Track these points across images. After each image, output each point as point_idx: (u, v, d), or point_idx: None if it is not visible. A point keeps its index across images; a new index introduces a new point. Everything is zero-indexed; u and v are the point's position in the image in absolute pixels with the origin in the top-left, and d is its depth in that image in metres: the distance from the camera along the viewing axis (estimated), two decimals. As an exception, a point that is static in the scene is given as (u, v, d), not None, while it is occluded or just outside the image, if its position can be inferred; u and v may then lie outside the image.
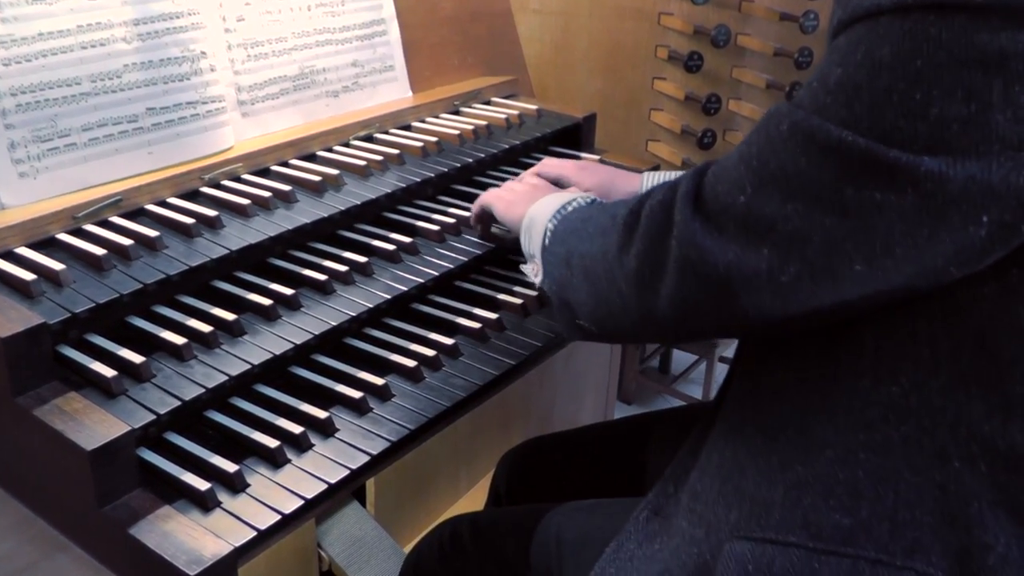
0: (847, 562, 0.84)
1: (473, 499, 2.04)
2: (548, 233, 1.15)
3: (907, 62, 0.71)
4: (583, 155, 1.86)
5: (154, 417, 1.04)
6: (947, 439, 0.81)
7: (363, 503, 1.82)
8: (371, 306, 1.30)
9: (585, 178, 1.46)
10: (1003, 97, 0.69)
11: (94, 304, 1.14)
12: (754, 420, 0.91)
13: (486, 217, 1.47)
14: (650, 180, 1.42)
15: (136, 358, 1.10)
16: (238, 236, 1.33)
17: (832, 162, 0.75)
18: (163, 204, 1.38)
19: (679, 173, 1.40)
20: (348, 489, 1.08)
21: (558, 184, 1.49)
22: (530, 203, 1.26)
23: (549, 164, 1.51)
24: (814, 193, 0.76)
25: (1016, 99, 0.69)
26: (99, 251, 1.21)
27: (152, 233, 1.27)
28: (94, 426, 0.99)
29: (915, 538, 0.82)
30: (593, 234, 1.01)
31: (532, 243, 1.21)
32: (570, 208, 1.15)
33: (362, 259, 1.37)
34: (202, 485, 0.99)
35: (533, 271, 1.22)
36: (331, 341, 1.26)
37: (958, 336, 0.79)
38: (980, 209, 0.72)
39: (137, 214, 1.35)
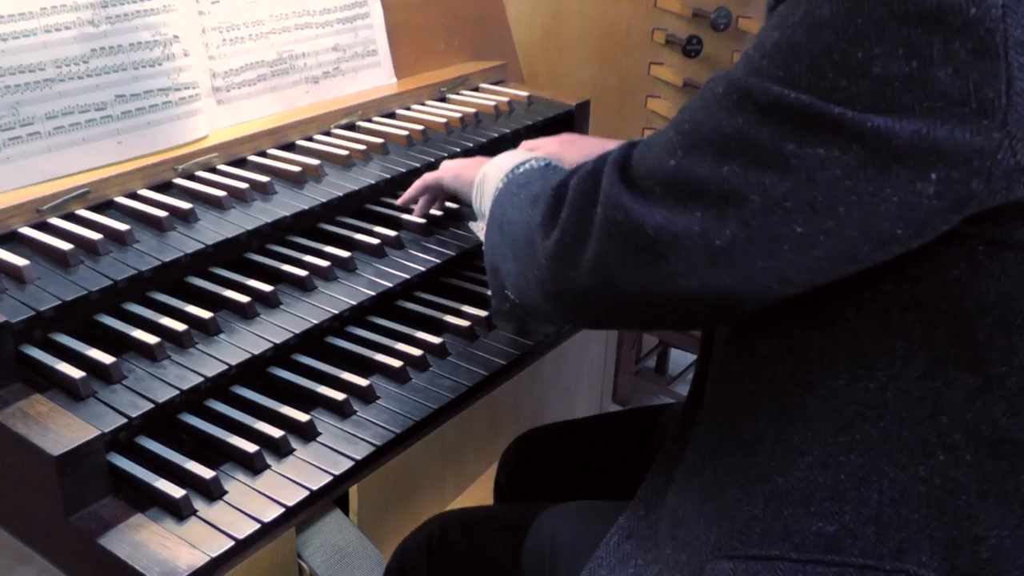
0: (833, 570, 0.85)
1: (460, 505, 2.03)
2: (497, 192, 1.16)
3: (847, 20, 0.72)
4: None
5: (125, 421, 1.04)
6: (928, 431, 0.81)
7: (346, 511, 1.82)
8: (354, 303, 1.30)
9: (567, 152, 1.47)
10: (943, 53, 0.70)
11: (60, 302, 1.13)
12: (731, 436, 0.92)
13: (430, 203, 1.48)
14: None
15: (105, 358, 1.09)
16: (213, 230, 1.32)
17: (773, 119, 0.76)
18: (133, 196, 1.37)
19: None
20: (330, 496, 1.08)
21: None
22: (481, 164, 1.28)
23: (527, 145, 1.51)
24: (752, 152, 0.77)
25: (956, 54, 0.70)
26: (65, 246, 1.20)
27: (122, 227, 1.26)
28: (60, 430, 0.98)
29: (903, 538, 0.83)
30: (524, 201, 1.02)
31: (483, 202, 1.22)
32: (520, 170, 1.17)
33: (344, 254, 1.37)
34: (176, 492, 0.99)
35: (481, 230, 1.23)
36: (312, 340, 1.26)
37: (931, 322, 0.80)
38: (927, 166, 0.73)
39: (106, 207, 1.34)
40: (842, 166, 0.74)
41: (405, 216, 1.50)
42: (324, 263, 1.34)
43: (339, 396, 1.16)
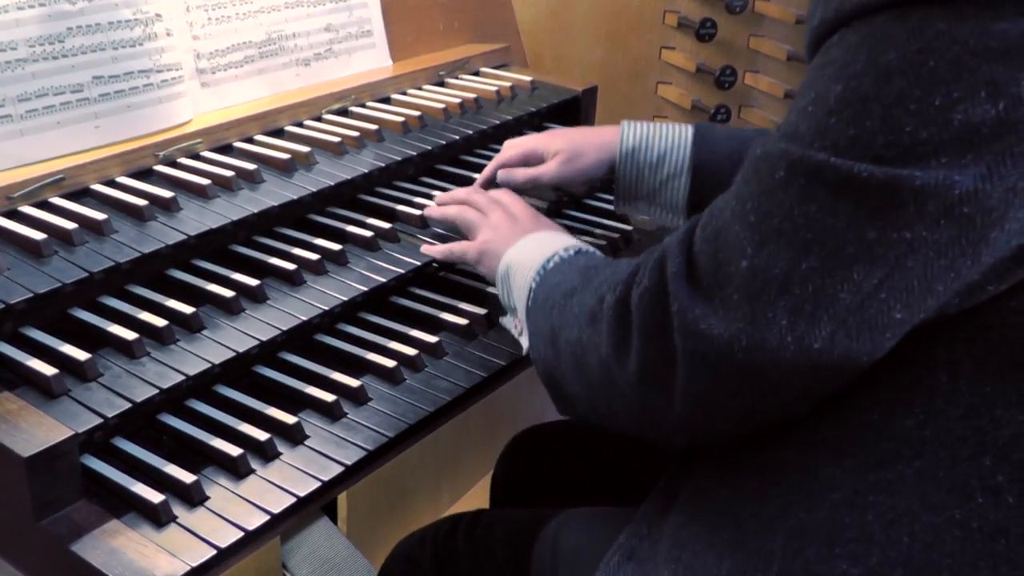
0: None
1: (457, 515, 2.03)
2: (531, 294, 1.14)
3: (918, 64, 0.70)
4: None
5: (101, 420, 1.03)
6: (968, 472, 0.80)
7: (334, 519, 1.82)
8: (345, 299, 1.29)
9: (552, 143, 1.47)
10: None
11: (32, 294, 1.13)
12: (749, 460, 0.91)
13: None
14: (630, 131, 1.42)
15: (80, 355, 1.09)
16: (196, 220, 1.32)
17: (847, 203, 0.73)
18: (112, 184, 1.37)
19: (662, 124, 1.41)
20: (318, 503, 1.08)
21: (528, 164, 1.49)
22: (506, 244, 1.25)
23: (511, 147, 1.51)
24: (831, 244, 0.74)
25: None
26: (38, 235, 1.20)
27: (99, 216, 1.26)
28: (31, 430, 0.98)
29: None
30: (579, 317, 0.98)
31: (513, 297, 1.20)
32: (551, 264, 1.14)
33: (335, 246, 1.37)
34: (155, 497, 0.99)
35: (516, 328, 1.22)
36: (300, 338, 1.26)
37: (981, 356, 0.78)
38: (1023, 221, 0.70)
39: (82, 195, 1.34)
40: (933, 246, 0.72)
41: (400, 207, 1.50)
42: (314, 256, 1.34)
43: (329, 397, 1.16)
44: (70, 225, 1.23)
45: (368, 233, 1.41)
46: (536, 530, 1.24)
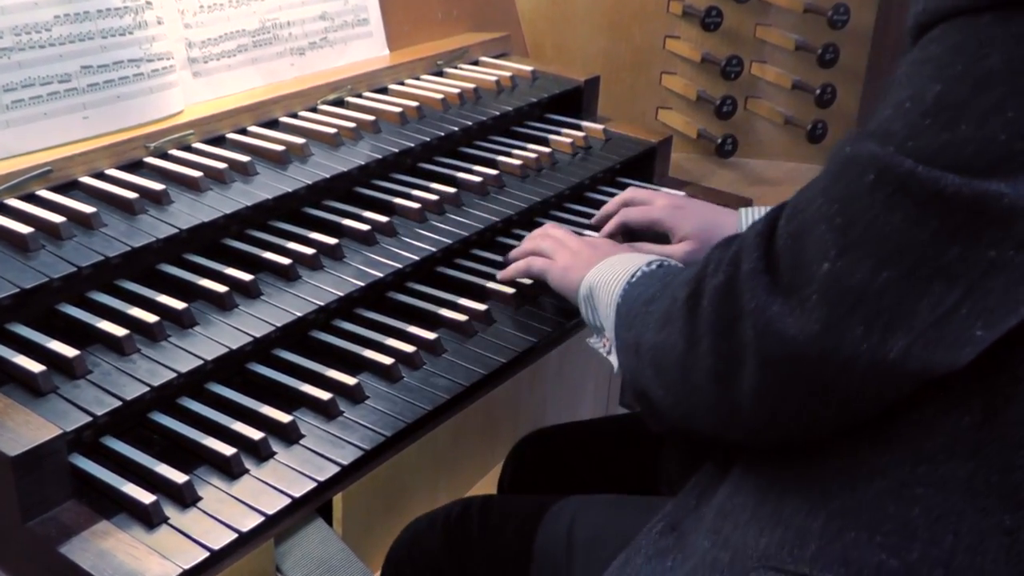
0: None
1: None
2: (617, 310, 1.13)
3: (1020, 72, 0.69)
4: (664, 190, 1.70)
5: (90, 419, 1.03)
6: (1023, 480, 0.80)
7: (329, 521, 1.82)
8: (341, 294, 1.29)
9: (680, 223, 1.42)
10: None
11: (19, 289, 1.12)
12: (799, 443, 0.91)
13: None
14: (748, 218, 1.40)
15: (68, 351, 1.08)
16: (188, 213, 1.32)
17: (932, 217, 0.73)
18: (100, 176, 1.37)
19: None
20: (313, 504, 1.07)
21: (645, 235, 1.46)
22: (587, 266, 1.25)
23: (636, 214, 1.45)
24: (912, 257, 0.74)
25: None
26: (25, 229, 1.19)
27: (87, 209, 1.26)
28: (18, 428, 0.98)
29: None
30: (659, 320, 0.98)
31: (599, 316, 1.20)
32: (634, 279, 1.14)
33: (331, 241, 1.37)
34: (146, 498, 0.98)
35: (605, 347, 1.22)
36: (295, 334, 1.26)
37: None
38: None
39: (70, 187, 1.34)
40: (1017, 268, 0.72)
41: (398, 201, 1.50)
42: (309, 250, 1.34)
43: (324, 395, 1.15)
44: (58, 218, 1.23)
45: (365, 227, 1.41)
46: (552, 516, 1.25)
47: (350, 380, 1.18)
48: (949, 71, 0.72)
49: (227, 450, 1.06)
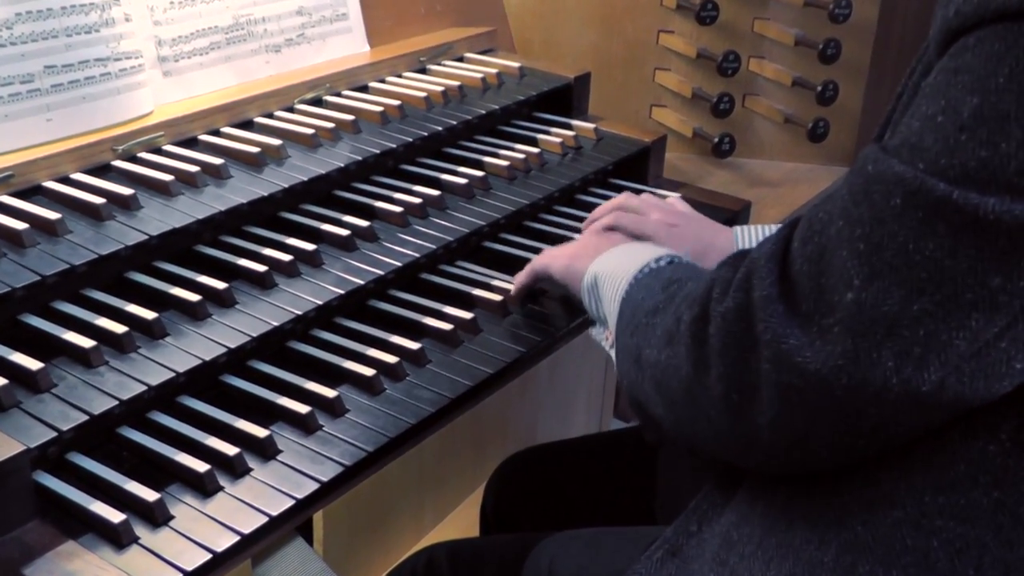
0: None
1: (440, 536, 2.03)
2: (620, 308, 1.12)
3: None
4: (660, 192, 1.75)
5: (55, 434, 1.03)
6: None
7: (309, 540, 1.82)
8: (320, 303, 1.29)
9: (673, 245, 1.38)
10: None
11: (-18, 299, 1.13)
12: None
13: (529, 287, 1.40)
14: (743, 236, 1.39)
15: (32, 364, 1.08)
16: (158, 219, 1.32)
17: (970, 244, 0.71)
18: (65, 181, 1.37)
19: (776, 228, 1.38)
20: (292, 523, 1.07)
21: None
22: (594, 255, 1.24)
23: (626, 220, 1.43)
24: (949, 287, 0.73)
25: None
26: (-12, 236, 1.20)
27: (52, 215, 1.26)
28: (-20, 446, 0.98)
29: None
30: (661, 338, 0.97)
31: (603, 309, 1.19)
32: (640, 277, 1.12)
33: (309, 247, 1.37)
34: (115, 517, 0.98)
35: (608, 340, 1.21)
36: (272, 345, 1.26)
37: None
38: None
39: (33, 192, 1.34)
40: None
41: (379, 204, 1.50)
42: (286, 257, 1.34)
43: (303, 409, 1.15)
44: (20, 225, 1.22)
45: (344, 232, 1.41)
46: (528, 557, 1.23)
47: (330, 393, 1.18)
48: (989, 82, 0.70)
49: (200, 466, 1.05)
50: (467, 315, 1.36)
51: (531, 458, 1.61)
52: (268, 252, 1.35)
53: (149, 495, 1.01)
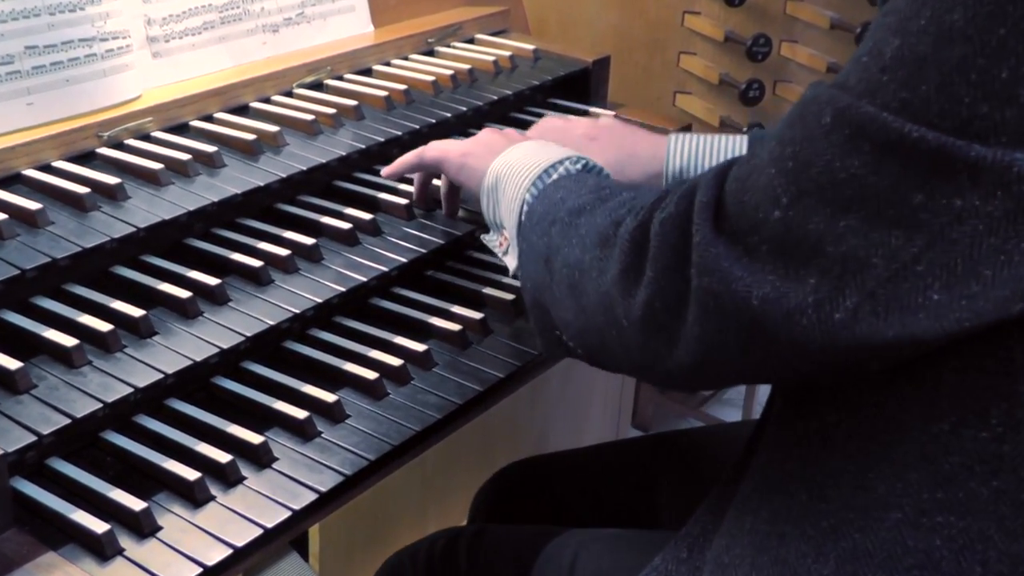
0: None
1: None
2: (524, 207, 1.14)
3: (987, 29, 0.70)
4: (594, 110, 1.85)
5: (34, 439, 1.03)
6: None
7: (304, 555, 1.82)
8: (319, 301, 1.29)
9: (596, 152, 1.42)
10: None
11: (-43, 294, 1.13)
12: (798, 473, 0.91)
13: (427, 183, 1.45)
14: (677, 148, 1.41)
15: (10, 363, 1.09)
16: (146, 210, 1.32)
17: (893, 163, 0.74)
18: (47, 169, 1.37)
19: (715, 137, 1.41)
20: (287, 536, 1.08)
21: None
22: (494, 152, 1.26)
23: (548, 126, 1.49)
24: (872, 204, 0.76)
25: None
26: (-36, 226, 1.20)
27: (32, 205, 1.26)
28: (-45, 450, 0.98)
29: None
30: (586, 237, 1.00)
31: (500, 210, 1.21)
32: (553, 176, 1.15)
33: (308, 241, 1.37)
34: (98, 527, 0.98)
35: (501, 246, 1.23)
36: (267, 345, 1.26)
37: None
38: None
39: (12, 181, 1.34)
40: (984, 219, 0.73)
41: (383, 196, 1.50)
42: (283, 251, 1.34)
43: (300, 414, 1.16)
44: (-1, 215, 1.23)
45: (346, 225, 1.41)
46: (552, 550, 1.25)
47: (329, 397, 1.19)
48: (911, 25, 0.74)
49: (190, 474, 1.06)
50: (476, 315, 1.36)
51: (529, 467, 1.61)
52: (264, 246, 1.35)
53: (135, 504, 1.02)
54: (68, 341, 1.13)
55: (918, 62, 0.73)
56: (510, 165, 1.21)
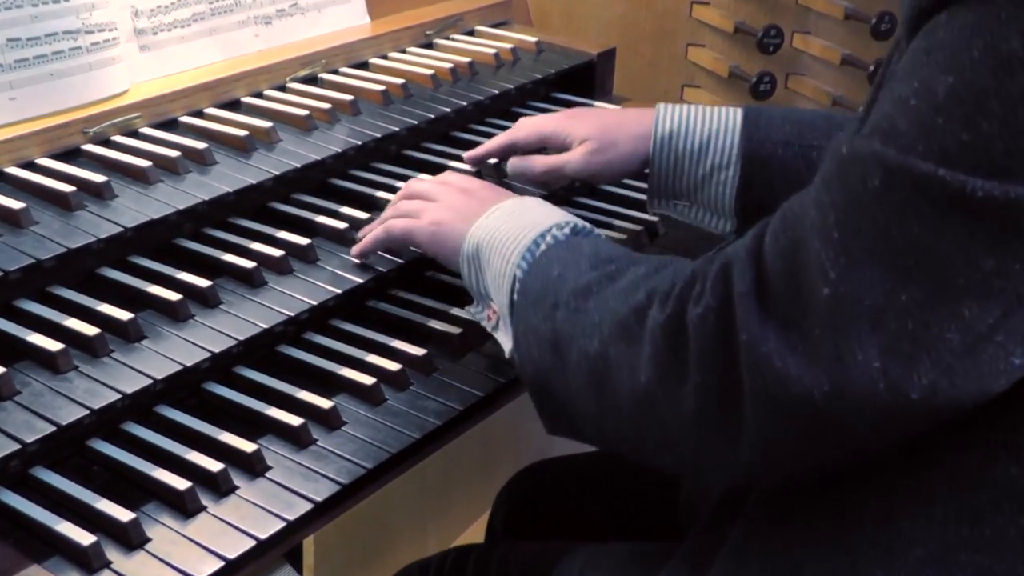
0: None
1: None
2: (516, 284, 1.11)
3: None
4: (599, 104, 1.85)
5: (18, 447, 1.03)
6: None
7: (298, 568, 1.82)
8: (314, 303, 1.30)
9: (578, 127, 1.45)
10: None
11: (-62, 297, 1.13)
12: (815, 505, 0.90)
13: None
14: (667, 113, 1.42)
15: (-5, 369, 1.09)
16: (134, 209, 1.32)
17: (959, 225, 0.72)
18: (30, 167, 1.37)
19: (709, 108, 1.41)
20: (281, 548, 1.07)
21: (543, 151, 1.49)
22: (468, 219, 1.22)
23: (526, 126, 1.50)
24: (938, 273, 0.73)
25: None
26: (-55, 226, 1.20)
27: (15, 204, 1.26)
28: (-64, 459, 0.98)
29: None
30: (602, 327, 0.96)
31: (486, 281, 1.18)
32: (542, 246, 1.11)
33: (303, 241, 1.37)
34: (85, 539, 0.98)
35: (490, 320, 1.20)
36: (260, 349, 1.26)
37: None
38: None
39: (-5, 179, 1.34)
40: None
41: (380, 194, 1.49)
42: (276, 252, 1.34)
43: (294, 420, 1.15)
44: (-19, 215, 1.23)
45: (341, 225, 1.41)
46: (558, 566, 1.25)
47: (324, 403, 1.19)
48: (963, 58, 0.71)
49: (180, 483, 1.05)
50: (477, 318, 1.36)
51: (548, 471, 1.62)
52: (256, 246, 1.35)
53: (123, 515, 1.01)
54: (53, 345, 1.13)
55: (978, 98, 0.70)
56: (492, 233, 1.18)
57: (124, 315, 1.19)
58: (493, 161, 1.57)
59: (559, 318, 1.02)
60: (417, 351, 1.28)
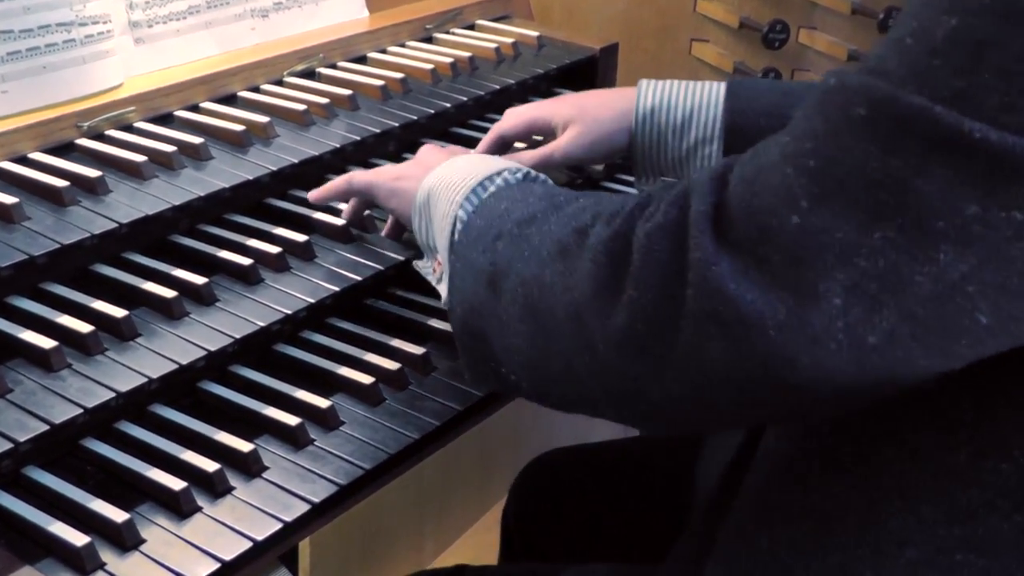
0: None
1: (442, 564, 2.04)
2: (458, 224, 1.08)
3: None
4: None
5: (10, 446, 1.03)
6: None
7: (294, 571, 1.82)
8: (312, 301, 1.29)
9: (560, 110, 1.46)
10: None
11: (-71, 293, 1.13)
12: (800, 500, 0.90)
13: (361, 211, 1.40)
14: (650, 88, 1.42)
15: (-14, 367, 1.09)
16: (129, 204, 1.32)
17: (944, 165, 0.69)
18: (23, 161, 1.37)
19: (691, 82, 1.41)
20: (279, 549, 1.08)
21: (533, 137, 1.50)
22: (426, 171, 1.21)
23: (512, 116, 1.50)
24: (916, 212, 0.70)
25: None
26: (-63, 221, 1.20)
27: (8, 200, 1.26)
28: (-73, 458, 0.98)
29: None
30: (540, 249, 0.93)
31: (433, 229, 1.16)
32: (491, 188, 1.09)
33: (300, 238, 1.37)
34: (78, 540, 0.98)
35: (435, 272, 1.19)
36: (257, 348, 1.26)
37: None
38: None
39: (-13, 174, 1.34)
40: None
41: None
42: (273, 249, 1.34)
43: (291, 420, 1.16)
44: (-27, 210, 1.23)
45: (340, 221, 1.42)
46: None
47: (322, 403, 1.19)
48: (966, 2, 0.69)
49: (175, 484, 1.05)
50: (477, 316, 1.36)
51: (560, 460, 1.62)
52: (253, 243, 1.35)
53: (117, 516, 1.01)
54: (46, 343, 1.13)
55: (978, 45, 0.68)
56: (443, 179, 1.15)
57: (118, 312, 1.19)
58: None
59: (499, 248, 0.99)
60: (416, 350, 1.29)
